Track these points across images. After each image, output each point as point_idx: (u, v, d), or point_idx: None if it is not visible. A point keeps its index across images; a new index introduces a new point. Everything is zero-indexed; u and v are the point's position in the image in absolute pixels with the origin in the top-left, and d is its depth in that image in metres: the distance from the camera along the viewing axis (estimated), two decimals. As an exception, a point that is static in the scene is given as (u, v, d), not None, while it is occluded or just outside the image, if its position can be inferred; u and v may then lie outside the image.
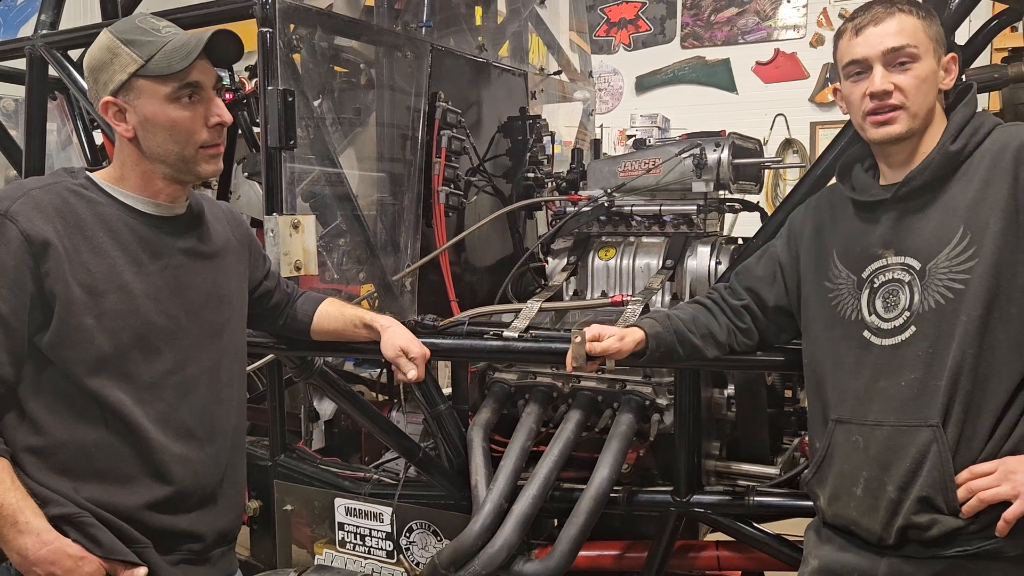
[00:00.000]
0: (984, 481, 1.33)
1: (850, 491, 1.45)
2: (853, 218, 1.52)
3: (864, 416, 1.44)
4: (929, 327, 1.38)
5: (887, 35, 1.39)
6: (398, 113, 2.52)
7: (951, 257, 1.37)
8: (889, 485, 1.40)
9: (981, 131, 1.42)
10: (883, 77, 1.39)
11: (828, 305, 1.52)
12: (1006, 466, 1.32)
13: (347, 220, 2.25)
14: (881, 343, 1.43)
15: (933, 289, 1.38)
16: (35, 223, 1.31)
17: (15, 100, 3.72)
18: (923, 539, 1.37)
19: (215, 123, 1.41)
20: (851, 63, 1.43)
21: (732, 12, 6.63)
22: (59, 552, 1.29)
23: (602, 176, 2.56)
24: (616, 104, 7.01)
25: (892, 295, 1.43)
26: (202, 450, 1.46)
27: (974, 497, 1.33)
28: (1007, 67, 2.24)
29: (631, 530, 2.20)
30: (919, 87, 1.39)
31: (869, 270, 1.46)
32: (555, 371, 2.22)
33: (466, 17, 2.97)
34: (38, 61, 2.56)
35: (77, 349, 1.34)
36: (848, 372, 1.47)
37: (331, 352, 2.16)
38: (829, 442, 1.50)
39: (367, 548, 2.31)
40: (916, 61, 1.39)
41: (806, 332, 1.59)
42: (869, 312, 1.45)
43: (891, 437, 1.40)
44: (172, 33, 1.40)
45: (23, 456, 1.35)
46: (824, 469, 1.51)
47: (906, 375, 1.39)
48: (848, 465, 1.46)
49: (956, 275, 1.36)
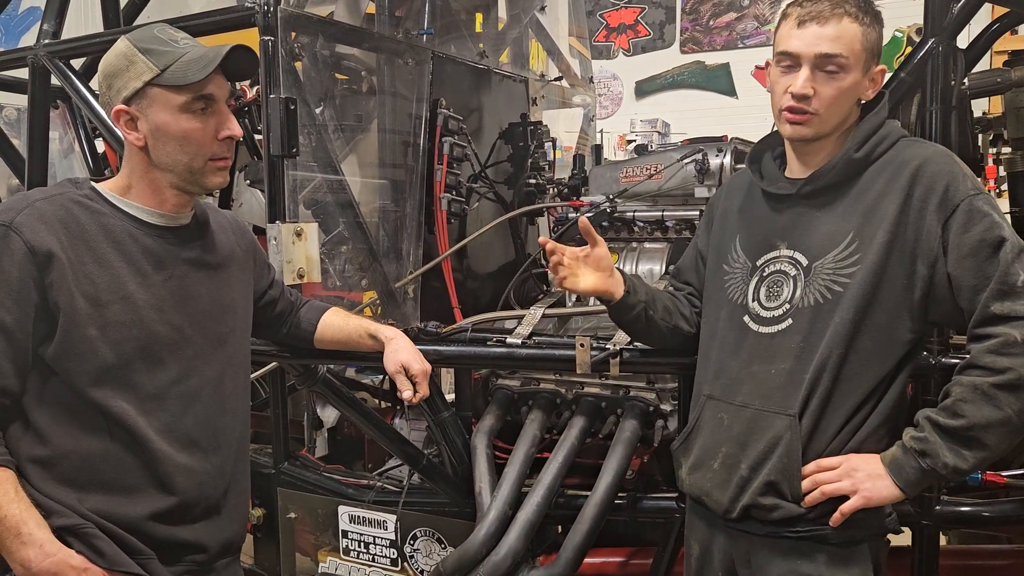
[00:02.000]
0: (828, 475, 1.41)
1: (708, 464, 1.54)
2: (760, 205, 1.57)
3: (733, 396, 1.52)
4: (804, 322, 1.45)
5: (824, 39, 1.40)
6: (400, 120, 2.52)
7: (836, 260, 1.43)
8: (743, 463, 1.48)
9: (886, 141, 1.46)
10: (806, 80, 1.41)
11: (722, 287, 1.59)
12: (849, 463, 1.41)
13: (349, 227, 2.25)
14: (759, 330, 1.50)
15: (815, 287, 1.45)
16: (39, 234, 1.31)
17: (17, 109, 3.73)
18: (764, 519, 1.46)
19: (225, 136, 1.41)
20: (784, 53, 1.45)
21: (731, 17, 6.65)
22: (62, 564, 1.29)
23: (604, 182, 2.57)
24: (616, 109, 7.03)
25: (776, 286, 1.50)
26: (207, 460, 1.46)
27: (817, 489, 1.41)
28: (1010, 71, 2.24)
29: (636, 537, 2.19)
30: (837, 98, 1.42)
31: (763, 259, 1.53)
32: (559, 377, 2.22)
33: (467, 24, 2.98)
34: (40, 70, 2.57)
35: (81, 360, 1.34)
36: (727, 353, 1.55)
37: (334, 360, 2.16)
38: (699, 415, 1.58)
39: (371, 556, 2.30)
40: (843, 72, 1.42)
41: (703, 312, 1.67)
42: (753, 299, 1.52)
43: (753, 420, 1.48)
44: (190, 45, 1.40)
45: (28, 467, 1.34)
46: (691, 440, 1.59)
47: (777, 364, 1.47)
48: (711, 440, 1.54)
49: (838, 278, 1.43)
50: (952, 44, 1.83)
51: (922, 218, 1.39)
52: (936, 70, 1.81)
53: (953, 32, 1.83)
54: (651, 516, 2.05)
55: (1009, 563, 2.00)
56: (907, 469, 1.37)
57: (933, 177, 1.39)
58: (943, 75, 1.81)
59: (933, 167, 1.40)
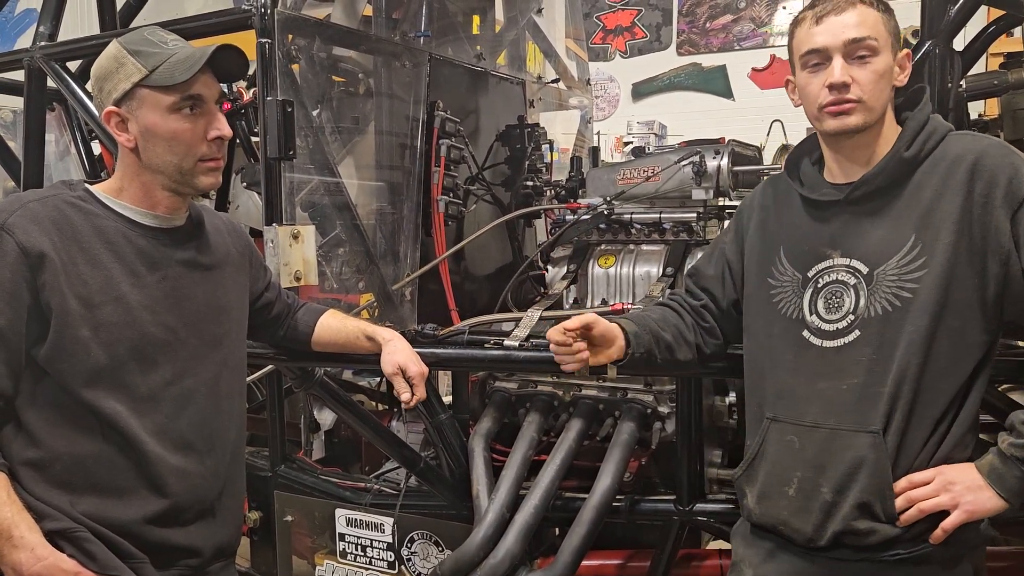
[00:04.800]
0: (923, 491, 1.34)
1: (781, 491, 1.44)
2: (801, 214, 1.50)
3: (801, 417, 1.43)
4: (873, 333, 1.38)
5: (848, 26, 1.37)
6: (397, 122, 2.52)
7: (901, 265, 1.37)
8: (824, 487, 1.39)
9: (934, 138, 1.41)
10: (843, 69, 1.37)
11: (770, 302, 1.50)
12: (944, 476, 1.33)
13: (346, 230, 2.24)
14: (821, 344, 1.42)
15: (880, 295, 1.37)
16: (31, 235, 1.31)
17: (13, 111, 3.72)
18: (859, 544, 1.38)
19: (214, 136, 1.41)
20: (810, 52, 1.40)
21: (728, 19, 6.66)
22: (54, 568, 1.28)
23: (601, 184, 2.57)
24: (612, 111, 7.03)
25: (835, 297, 1.42)
26: (201, 463, 1.45)
27: (914, 507, 1.34)
28: (1007, 73, 2.24)
29: (633, 539, 2.19)
30: (877, 82, 1.37)
31: (815, 270, 1.45)
32: (556, 380, 2.21)
33: (463, 26, 2.97)
34: (36, 72, 2.56)
35: (73, 361, 1.33)
36: (786, 371, 1.46)
37: (331, 362, 2.16)
38: (762, 440, 1.49)
39: (368, 559, 2.29)
40: (875, 55, 1.37)
41: (747, 329, 1.58)
42: (810, 312, 1.44)
43: (829, 440, 1.40)
44: (179, 46, 1.40)
45: (21, 469, 1.34)
46: (755, 467, 1.50)
47: (847, 379, 1.39)
48: (780, 465, 1.46)
49: (905, 284, 1.36)
50: (949, 46, 1.83)
51: (988, 214, 1.32)
52: (933, 72, 1.81)
53: (950, 34, 1.83)
54: (649, 519, 2.05)
55: (1008, 565, 2.00)
56: (1009, 478, 1.30)
57: (993, 170, 1.33)
58: (940, 77, 1.81)
59: (991, 160, 1.34)
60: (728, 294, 1.64)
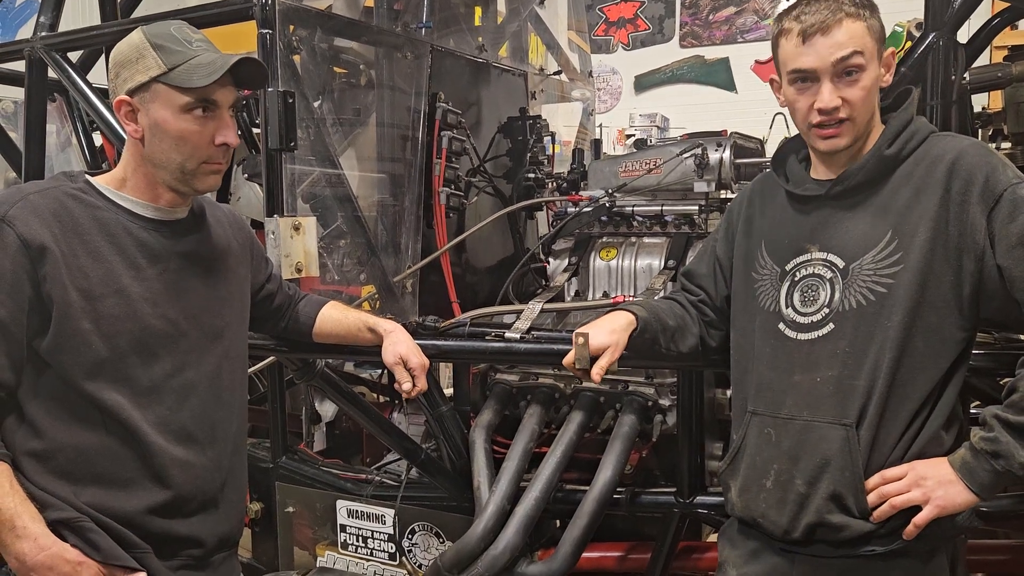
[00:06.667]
0: (895, 486, 1.34)
1: (760, 483, 1.46)
2: (785, 208, 1.51)
3: (777, 410, 1.44)
4: (848, 326, 1.38)
5: (836, 46, 1.34)
6: (398, 114, 2.51)
7: (876, 260, 1.37)
8: (798, 479, 1.40)
9: (916, 137, 1.41)
10: (831, 93, 1.36)
11: (753, 296, 1.52)
12: (916, 472, 1.34)
13: (348, 221, 2.24)
14: (796, 337, 1.43)
15: (855, 289, 1.38)
16: (32, 227, 1.31)
17: (14, 102, 3.71)
18: (833, 539, 1.39)
19: (220, 143, 1.41)
20: (796, 72, 1.39)
21: (731, 11, 6.63)
22: (57, 557, 1.28)
23: (603, 176, 2.56)
24: (615, 104, 7.01)
25: (811, 290, 1.43)
26: (203, 454, 1.45)
27: (886, 503, 1.34)
28: (1011, 66, 2.23)
29: (634, 531, 2.19)
30: (865, 98, 1.38)
31: (793, 263, 1.46)
32: (557, 372, 2.21)
33: (465, 17, 2.96)
34: (37, 63, 2.56)
35: (75, 353, 1.33)
36: (765, 364, 1.48)
37: (332, 354, 2.16)
38: (744, 433, 1.50)
39: (369, 550, 2.30)
40: (863, 71, 1.36)
41: (733, 323, 1.59)
42: (786, 305, 1.45)
43: (803, 432, 1.41)
44: (203, 47, 1.39)
45: (23, 460, 1.34)
46: (737, 461, 1.52)
47: (822, 372, 1.40)
48: (760, 457, 1.47)
49: (880, 279, 1.37)
50: (952, 39, 1.83)
51: (964, 212, 1.33)
52: (936, 65, 1.81)
53: (954, 27, 1.82)
54: (649, 511, 2.05)
55: (1007, 558, 2.00)
56: (980, 472, 1.30)
57: (971, 169, 1.34)
58: (943, 70, 1.81)
59: (969, 159, 1.35)
60: (720, 291, 1.65)
